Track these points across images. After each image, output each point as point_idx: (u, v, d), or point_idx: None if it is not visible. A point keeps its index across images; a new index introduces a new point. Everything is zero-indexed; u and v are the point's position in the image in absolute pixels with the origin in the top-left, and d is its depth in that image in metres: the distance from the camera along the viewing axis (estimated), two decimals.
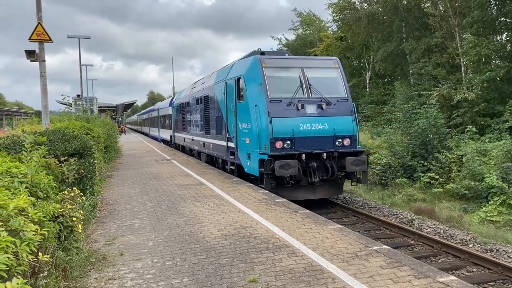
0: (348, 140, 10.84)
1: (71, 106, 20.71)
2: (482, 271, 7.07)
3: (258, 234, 6.16)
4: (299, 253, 5.29)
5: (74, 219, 4.60)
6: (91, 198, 7.55)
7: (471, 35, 21.09)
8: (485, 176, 11.97)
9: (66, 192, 5.25)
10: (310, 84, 10.88)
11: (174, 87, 55.91)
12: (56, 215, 4.24)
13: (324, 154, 10.41)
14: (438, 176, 13.57)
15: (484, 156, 13.91)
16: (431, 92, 20.39)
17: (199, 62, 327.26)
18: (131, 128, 79.71)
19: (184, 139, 21.62)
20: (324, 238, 5.88)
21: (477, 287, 6.35)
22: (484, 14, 19.46)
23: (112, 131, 20.88)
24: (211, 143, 15.23)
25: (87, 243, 5.80)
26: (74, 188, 5.70)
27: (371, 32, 29.18)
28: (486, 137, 16.93)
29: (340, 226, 6.58)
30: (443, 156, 13.98)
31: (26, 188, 4.03)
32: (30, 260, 2.94)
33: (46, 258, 3.31)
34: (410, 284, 4.25)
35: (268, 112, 10.26)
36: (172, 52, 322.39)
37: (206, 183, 11.08)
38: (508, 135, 15.66)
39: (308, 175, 10.36)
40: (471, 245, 8.52)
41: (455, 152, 14.37)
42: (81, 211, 5.12)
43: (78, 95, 30.69)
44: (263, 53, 12.07)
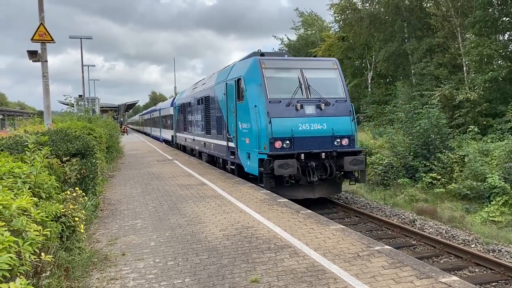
0: (346, 140, 10.98)
1: (73, 107, 20.77)
2: (485, 272, 7.06)
3: (260, 234, 6.16)
4: (301, 253, 5.29)
5: (76, 219, 4.61)
6: (93, 198, 7.57)
7: (473, 35, 21.04)
8: (487, 176, 11.94)
9: (68, 192, 5.27)
10: (309, 85, 11.01)
11: (175, 87, 55.94)
12: (58, 215, 4.25)
13: (323, 154, 10.55)
14: (440, 176, 13.54)
15: (486, 156, 13.87)
16: (433, 92, 20.35)
17: (201, 62, 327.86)
18: (132, 128, 79.80)
19: (186, 139, 21.66)
20: (326, 238, 5.88)
21: (479, 287, 6.35)
22: (486, 14, 19.41)
23: (114, 131, 20.91)
24: (212, 143, 15.31)
25: (89, 243, 5.81)
26: (76, 188, 5.72)
27: (373, 32, 29.13)
28: (488, 137, 16.89)
29: (342, 226, 6.58)
30: (445, 156, 13.95)
31: (29, 188, 4.05)
32: (32, 260, 2.95)
33: (49, 258, 3.32)
34: (412, 284, 4.25)
35: (268, 112, 10.37)
36: (174, 53, 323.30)
37: (208, 183, 11.09)
38: (510, 135, 15.60)
39: (307, 175, 10.46)
40: (473, 245, 8.50)
41: (457, 152, 14.33)
42: (83, 211, 5.13)
43: (80, 95, 30.76)
44: (262, 54, 12.25)
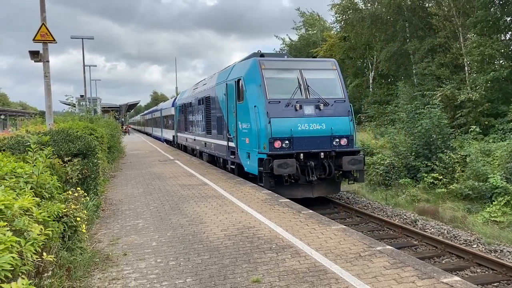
0: (345, 140, 11.10)
1: (74, 107, 20.80)
2: (486, 272, 7.05)
3: (261, 234, 6.16)
4: (303, 253, 5.28)
5: (78, 219, 4.61)
6: (94, 198, 7.57)
7: (475, 35, 21.00)
8: (489, 176, 11.91)
9: (70, 192, 5.27)
10: (308, 85, 11.13)
11: (177, 87, 55.84)
12: (60, 215, 4.26)
13: (322, 154, 10.67)
14: (441, 177, 13.52)
15: (488, 157, 13.84)
16: (435, 92, 20.32)
17: (202, 62, 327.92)
18: (134, 129, 79.89)
19: (186, 139, 21.73)
20: (328, 239, 5.88)
21: (481, 287, 6.34)
22: (488, 13, 19.38)
23: (116, 131, 20.93)
24: (213, 143, 15.41)
25: (91, 243, 5.81)
26: (78, 188, 5.73)
27: (375, 32, 29.10)
28: (490, 137, 16.86)
29: (344, 227, 6.57)
30: (447, 157, 13.93)
31: (32, 188, 4.05)
32: (34, 260, 2.95)
33: (51, 258, 3.32)
34: (414, 284, 4.24)
35: (267, 112, 10.48)
36: (175, 53, 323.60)
37: (209, 183, 11.09)
38: None
39: (306, 174, 10.57)
40: (475, 245, 8.49)
41: (459, 153, 14.30)
42: (85, 211, 5.14)
43: (81, 96, 30.78)
44: (262, 55, 12.39)
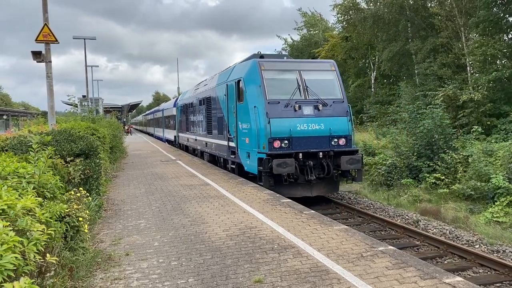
0: (343, 140, 11.24)
1: (76, 107, 20.82)
2: (489, 272, 7.03)
3: (263, 235, 6.16)
4: (305, 253, 5.28)
5: (81, 219, 4.62)
6: (97, 198, 7.59)
7: (477, 35, 20.95)
8: (491, 176, 11.89)
9: (73, 192, 5.28)
10: (307, 86, 11.30)
11: (179, 88, 55.85)
12: (62, 215, 4.27)
13: (320, 153, 10.84)
14: (443, 177, 13.50)
15: (490, 157, 13.81)
16: (437, 92, 20.28)
17: (204, 63, 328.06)
18: (136, 129, 79.99)
19: (188, 139, 21.80)
20: (330, 239, 5.87)
21: None
22: (490, 13, 19.32)
23: (118, 131, 20.97)
24: (213, 143, 15.55)
25: (93, 243, 5.83)
26: (80, 188, 5.74)
27: (376, 32, 29.08)
28: (492, 137, 16.81)
29: (346, 227, 6.57)
30: (449, 157, 13.91)
31: (34, 188, 4.06)
32: (37, 260, 2.96)
33: (54, 259, 3.33)
34: (416, 285, 4.24)
35: (267, 113, 10.67)
36: (177, 53, 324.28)
37: (211, 184, 11.10)
38: None
39: (305, 173, 10.73)
40: (477, 246, 8.47)
41: (461, 153, 14.28)
42: (87, 211, 5.14)
43: (83, 96, 30.78)
44: (262, 56, 12.65)
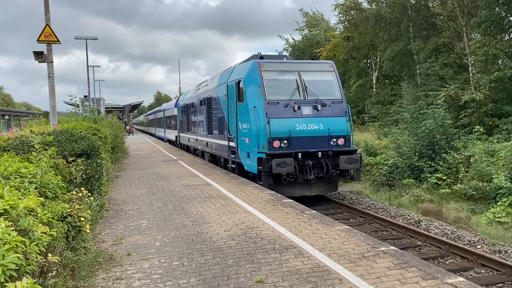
0: (342, 139, 11.35)
1: (78, 107, 20.81)
2: (491, 273, 7.01)
3: (264, 235, 6.15)
4: (306, 253, 5.28)
5: (82, 219, 4.63)
6: (98, 198, 7.59)
7: (478, 35, 20.90)
8: (493, 176, 11.86)
9: (74, 192, 5.28)
10: (306, 87, 11.42)
11: (180, 88, 56.12)
12: (64, 215, 4.27)
13: (319, 153, 10.95)
14: (445, 177, 13.48)
15: (492, 157, 13.76)
16: (438, 92, 20.23)
17: (205, 63, 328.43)
18: (137, 129, 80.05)
19: (189, 139, 21.86)
20: (331, 239, 5.87)
21: None
22: (492, 13, 19.27)
23: (119, 131, 20.99)
24: (214, 142, 15.65)
25: (95, 243, 5.83)
26: (82, 188, 5.74)
27: (378, 32, 29.01)
28: (494, 137, 16.75)
29: (347, 227, 6.56)
30: (451, 157, 13.89)
31: (36, 188, 4.07)
32: (39, 260, 2.96)
33: (55, 259, 3.33)
34: (418, 285, 4.23)
35: (266, 113, 10.79)
36: (178, 53, 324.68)
37: (212, 184, 11.10)
38: None
39: (304, 173, 10.85)
40: (479, 246, 8.45)
41: (463, 153, 14.25)
42: (89, 211, 5.15)
43: (85, 96, 30.82)
44: (262, 57, 12.81)
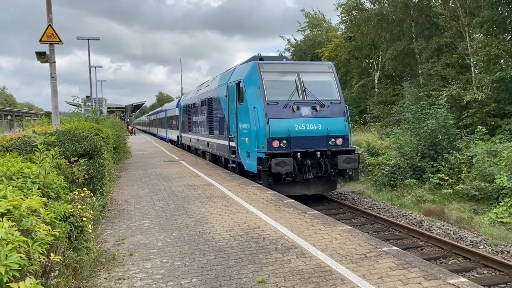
0: (340, 139, 11.49)
1: (80, 107, 20.89)
2: (493, 273, 7.00)
3: (266, 235, 6.16)
4: (308, 254, 5.28)
5: (84, 219, 4.64)
6: (100, 198, 7.60)
7: (481, 35, 20.85)
8: (495, 177, 11.83)
9: (77, 192, 5.30)
10: (305, 88, 11.56)
11: (182, 88, 56.10)
12: (67, 215, 4.28)
13: (318, 153, 11.07)
14: (447, 177, 13.45)
15: (495, 157, 13.72)
16: (441, 92, 20.19)
17: (206, 63, 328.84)
18: (139, 129, 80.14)
19: (190, 139, 21.94)
20: (333, 239, 5.87)
21: None
22: (494, 13, 19.23)
23: (121, 131, 21.03)
24: (215, 142, 15.79)
25: (97, 243, 5.84)
26: (84, 188, 5.76)
27: (380, 31, 28.98)
28: (496, 137, 16.71)
29: (349, 227, 6.55)
30: (453, 157, 13.86)
31: (39, 188, 4.08)
32: (42, 260, 2.97)
33: (58, 258, 3.34)
34: (420, 285, 4.22)
35: (266, 113, 10.93)
36: (180, 54, 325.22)
37: (214, 184, 11.11)
38: None
39: (303, 172, 10.98)
40: (481, 246, 8.43)
41: (465, 153, 14.22)
42: (91, 211, 5.16)
43: (87, 96, 30.90)
44: (262, 58, 12.97)
